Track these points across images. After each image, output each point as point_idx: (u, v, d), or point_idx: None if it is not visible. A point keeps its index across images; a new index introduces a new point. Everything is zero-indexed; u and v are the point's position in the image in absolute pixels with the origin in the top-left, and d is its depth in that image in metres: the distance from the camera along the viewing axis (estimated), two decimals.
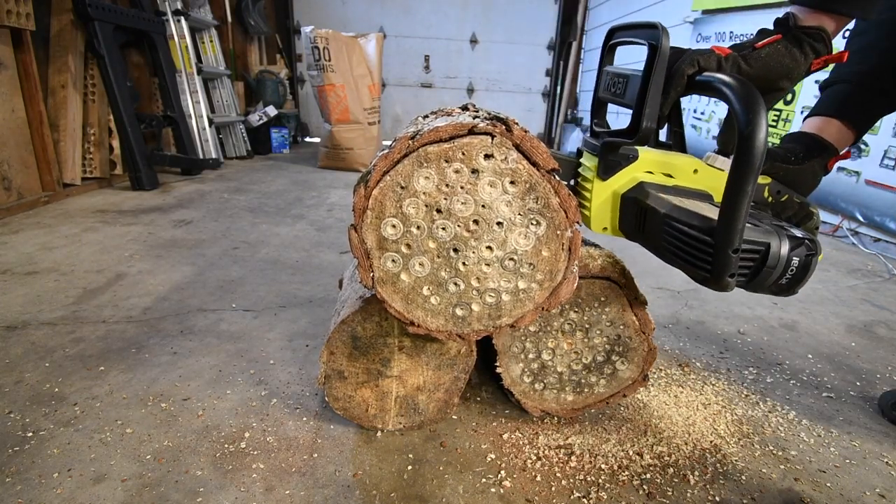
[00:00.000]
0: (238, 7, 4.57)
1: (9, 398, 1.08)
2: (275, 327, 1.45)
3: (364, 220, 0.78)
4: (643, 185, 0.89)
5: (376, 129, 4.15)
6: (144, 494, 0.85)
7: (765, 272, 0.81)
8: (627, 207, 0.91)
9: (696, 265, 0.81)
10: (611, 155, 0.89)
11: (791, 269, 0.81)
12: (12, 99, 2.45)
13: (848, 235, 2.70)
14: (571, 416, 1.10)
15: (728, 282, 0.79)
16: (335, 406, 1.00)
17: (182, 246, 2.10)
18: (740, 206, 0.74)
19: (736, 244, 0.76)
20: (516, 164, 0.76)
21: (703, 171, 0.92)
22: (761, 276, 0.81)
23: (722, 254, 0.76)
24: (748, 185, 0.73)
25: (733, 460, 1.01)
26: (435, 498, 0.88)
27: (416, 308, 0.83)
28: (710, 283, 0.81)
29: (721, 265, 0.77)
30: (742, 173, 0.72)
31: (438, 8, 5.58)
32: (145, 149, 3.05)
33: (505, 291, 0.83)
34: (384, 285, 0.82)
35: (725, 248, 0.76)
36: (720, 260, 0.77)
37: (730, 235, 0.75)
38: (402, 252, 0.80)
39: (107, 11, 2.80)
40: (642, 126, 0.82)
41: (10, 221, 2.29)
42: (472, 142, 0.75)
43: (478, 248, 0.80)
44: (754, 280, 0.82)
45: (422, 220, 0.78)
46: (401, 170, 0.76)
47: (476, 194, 0.77)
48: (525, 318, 0.85)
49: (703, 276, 0.81)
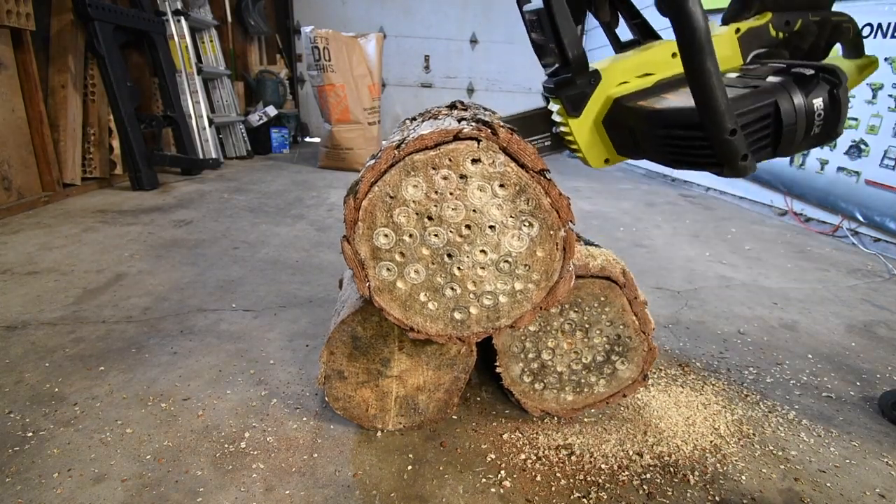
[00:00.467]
0: (238, 7, 4.57)
1: (9, 398, 1.08)
2: (275, 327, 1.45)
3: (356, 232, 0.78)
4: (619, 101, 0.83)
5: (376, 129, 4.15)
6: (144, 494, 0.85)
7: (787, 133, 0.72)
8: (614, 130, 0.85)
9: (703, 161, 0.74)
10: (570, 90, 0.84)
11: (818, 114, 0.72)
12: (12, 99, 2.45)
13: (848, 235, 2.70)
14: (571, 416, 1.10)
15: (744, 165, 0.70)
16: (335, 406, 1.00)
17: (182, 246, 2.10)
18: (709, 87, 0.65)
19: (728, 125, 0.67)
20: (504, 167, 0.76)
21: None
22: (786, 139, 0.73)
23: (719, 141, 0.69)
24: (704, 61, 0.64)
25: (733, 460, 1.01)
26: (435, 498, 0.88)
27: (414, 314, 0.83)
28: (727, 173, 0.73)
29: (726, 153, 0.69)
30: (690, 52, 0.64)
31: (438, 8, 5.58)
32: (145, 149, 3.05)
33: (502, 293, 0.83)
34: (381, 294, 0.82)
35: (719, 134, 0.68)
36: (721, 148, 0.69)
37: (716, 120, 0.67)
38: (396, 261, 0.80)
39: (107, 11, 2.80)
40: (571, 56, 0.76)
41: (10, 221, 2.29)
42: (459, 147, 0.75)
43: (471, 253, 0.80)
44: (780, 145, 0.74)
45: (414, 229, 0.78)
46: (388, 180, 0.76)
47: (466, 199, 0.77)
48: (524, 319, 0.85)
49: (716, 170, 0.74)
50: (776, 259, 2.35)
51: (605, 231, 2.65)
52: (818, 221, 2.94)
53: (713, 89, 0.66)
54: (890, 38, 2.57)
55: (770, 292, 1.92)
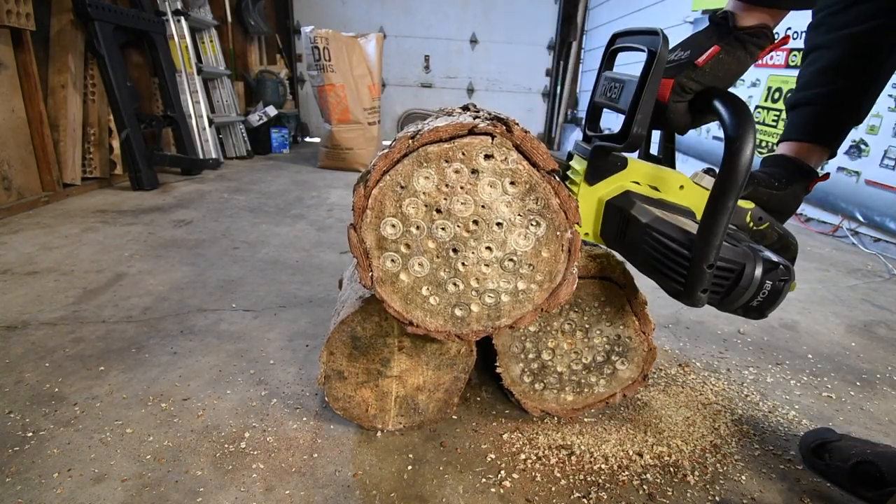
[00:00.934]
0: (238, 7, 4.57)
1: (9, 398, 1.08)
2: (275, 327, 1.45)
3: (363, 220, 0.78)
4: (629, 193, 0.90)
5: (376, 129, 4.15)
6: (144, 494, 0.85)
7: (737, 292, 0.82)
8: (611, 215, 0.91)
9: (672, 277, 0.82)
10: (600, 161, 0.89)
11: (763, 292, 0.82)
12: (12, 99, 2.45)
13: (848, 235, 2.70)
14: (571, 416, 1.10)
15: (700, 297, 0.80)
16: (335, 406, 1.00)
17: (182, 246, 2.10)
18: (719, 222, 0.74)
19: (711, 259, 0.77)
20: (516, 165, 0.76)
21: (688, 188, 0.93)
22: (733, 296, 0.83)
23: (696, 268, 0.78)
24: (730, 200, 0.73)
25: (733, 460, 1.01)
26: (435, 498, 0.88)
27: (415, 308, 0.83)
28: (682, 297, 0.82)
29: (695, 279, 0.78)
30: (725, 188, 0.73)
31: (438, 8, 5.58)
32: (145, 149, 3.05)
33: (504, 292, 0.83)
34: (383, 285, 0.82)
35: (701, 262, 0.77)
36: (694, 274, 0.78)
37: (706, 250, 0.76)
38: (401, 252, 0.80)
39: (107, 11, 2.80)
40: (632, 131, 0.81)
41: (10, 221, 2.29)
42: (473, 142, 0.75)
43: (477, 249, 0.80)
44: (726, 298, 0.83)
45: (421, 220, 0.78)
46: (401, 169, 0.76)
47: (476, 195, 0.77)
48: (524, 319, 0.85)
49: (676, 290, 0.82)
50: None
51: None
52: (818, 221, 2.94)
53: (720, 223, 0.74)
54: None
55: None
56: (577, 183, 0.92)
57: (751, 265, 0.80)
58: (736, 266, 0.80)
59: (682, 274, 0.80)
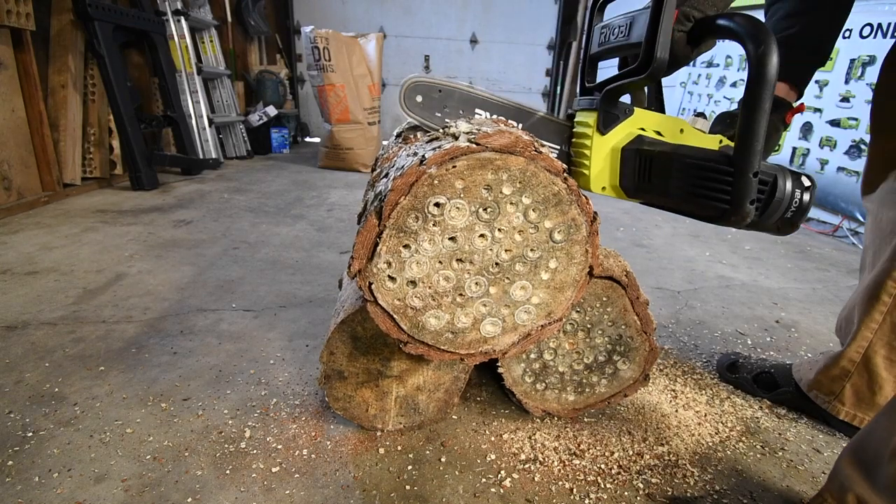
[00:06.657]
0: (238, 7, 4.57)
1: (9, 398, 1.08)
2: (275, 327, 1.45)
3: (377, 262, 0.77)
4: (642, 137, 0.90)
5: (376, 129, 4.15)
6: (144, 494, 0.85)
7: (773, 205, 0.82)
8: (628, 161, 0.91)
9: (716, 198, 0.81)
10: (610, 108, 0.89)
11: (795, 201, 0.83)
12: (12, 99, 2.45)
13: (848, 235, 2.70)
14: (572, 416, 1.10)
15: (749, 210, 0.79)
16: (335, 406, 1.00)
17: (182, 246, 2.10)
18: (759, 126, 0.74)
19: (756, 166, 0.76)
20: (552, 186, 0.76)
21: (688, 131, 0.94)
22: (771, 209, 0.83)
23: (743, 178, 0.77)
24: (765, 101, 0.72)
25: (733, 460, 1.01)
26: (435, 498, 0.88)
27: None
28: (729, 215, 0.81)
29: (743, 191, 0.78)
30: (759, 91, 0.72)
31: (438, 8, 5.58)
32: (145, 149, 3.05)
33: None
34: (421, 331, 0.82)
35: (747, 170, 0.76)
36: (741, 185, 0.77)
37: (750, 158, 0.76)
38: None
39: (107, 11, 2.80)
40: (656, 56, 0.78)
41: (10, 221, 2.29)
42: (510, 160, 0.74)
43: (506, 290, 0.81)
44: (765, 213, 0.84)
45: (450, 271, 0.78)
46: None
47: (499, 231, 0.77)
48: (509, 352, 0.88)
49: (721, 210, 0.81)
50: (776, 259, 2.35)
51: (605, 231, 2.65)
52: (818, 221, 2.94)
53: (760, 127, 0.74)
54: (890, 37, 2.57)
55: (770, 292, 1.92)
56: (588, 136, 0.92)
57: (781, 177, 0.81)
58: (769, 178, 0.81)
59: (726, 191, 0.79)
